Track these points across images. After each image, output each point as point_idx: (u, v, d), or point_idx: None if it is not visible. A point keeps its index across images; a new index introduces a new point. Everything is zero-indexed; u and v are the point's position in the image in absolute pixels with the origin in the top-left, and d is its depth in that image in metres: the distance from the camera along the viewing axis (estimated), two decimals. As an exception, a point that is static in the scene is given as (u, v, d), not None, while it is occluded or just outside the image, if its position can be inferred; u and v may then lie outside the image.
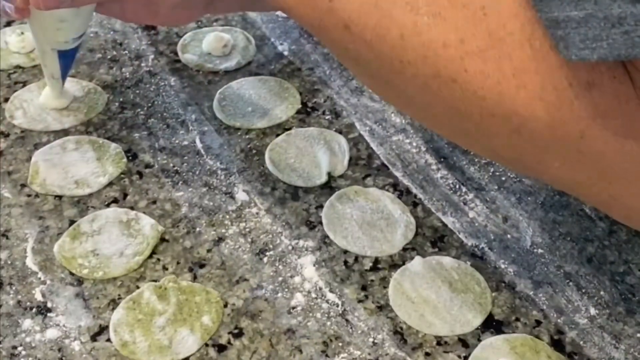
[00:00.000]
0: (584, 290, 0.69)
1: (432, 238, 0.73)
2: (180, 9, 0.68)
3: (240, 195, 0.76)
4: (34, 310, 0.66)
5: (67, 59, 0.78)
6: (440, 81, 0.47)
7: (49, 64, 0.78)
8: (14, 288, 0.68)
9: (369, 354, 0.64)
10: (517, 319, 0.67)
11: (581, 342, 0.65)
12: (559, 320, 0.66)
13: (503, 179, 0.78)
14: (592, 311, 0.67)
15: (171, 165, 0.79)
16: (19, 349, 0.63)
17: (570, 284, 0.69)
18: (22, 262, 0.70)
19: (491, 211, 0.75)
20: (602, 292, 0.69)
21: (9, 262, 0.70)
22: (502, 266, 0.70)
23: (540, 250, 0.72)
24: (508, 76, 0.44)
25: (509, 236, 0.73)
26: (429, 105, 0.50)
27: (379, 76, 0.52)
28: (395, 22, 0.47)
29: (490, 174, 0.79)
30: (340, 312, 0.67)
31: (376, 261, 0.71)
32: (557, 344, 0.65)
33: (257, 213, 0.74)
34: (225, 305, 0.67)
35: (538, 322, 0.66)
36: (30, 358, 0.63)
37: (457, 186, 0.77)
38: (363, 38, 0.49)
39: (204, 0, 0.68)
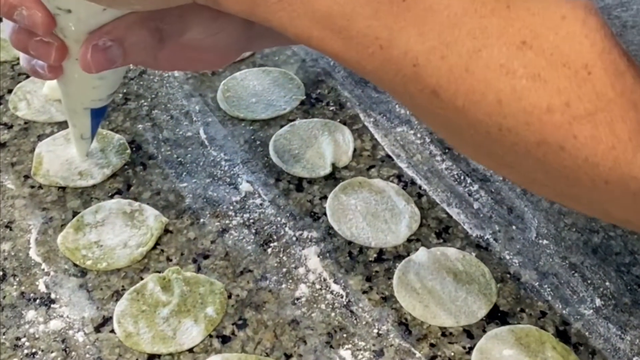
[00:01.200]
0: (589, 281, 0.68)
1: (437, 229, 0.73)
2: (219, 54, 0.64)
3: (244, 186, 0.76)
4: (38, 301, 0.66)
5: (98, 117, 0.69)
6: (545, 149, 0.43)
7: (79, 124, 0.69)
8: (17, 279, 0.68)
9: (374, 345, 0.63)
10: (522, 310, 0.66)
11: (587, 333, 0.65)
12: (564, 311, 0.66)
13: (508, 170, 0.78)
14: (598, 302, 0.67)
15: (175, 156, 0.79)
16: (23, 340, 0.63)
17: (576, 274, 0.69)
18: (25, 253, 0.70)
19: (496, 202, 0.75)
20: (607, 283, 0.68)
21: (13, 254, 0.70)
22: (507, 257, 0.70)
23: (545, 241, 0.72)
24: (624, 140, 0.41)
25: (514, 227, 0.73)
26: (531, 171, 0.46)
27: (472, 143, 0.48)
28: (490, 87, 0.43)
29: (495, 165, 0.78)
30: (345, 303, 0.66)
31: (381, 252, 0.70)
32: (563, 335, 0.64)
33: (261, 204, 0.74)
34: (229, 296, 0.67)
35: (543, 313, 0.66)
36: (34, 349, 0.63)
37: (462, 177, 0.77)
38: (454, 104, 0.45)
39: (242, 44, 0.63)
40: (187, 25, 0.57)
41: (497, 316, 0.66)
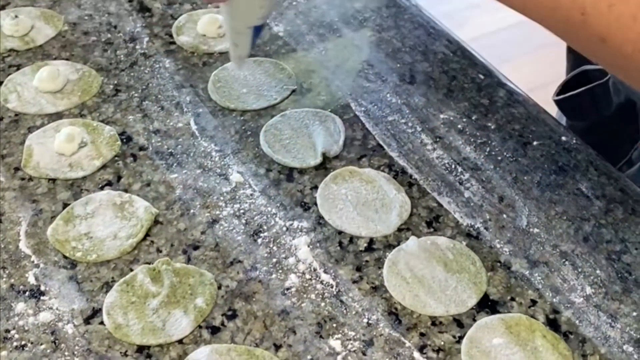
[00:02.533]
0: (579, 270, 0.68)
1: (428, 218, 0.72)
2: None
3: (235, 177, 0.75)
4: (27, 293, 0.66)
5: (257, 34, 0.75)
6: None
7: (242, 44, 0.74)
8: (7, 272, 0.68)
9: (364, 334, 0.63)
10: (513, 299, 0.66)
11: (577, 322, 0.65)
12: (554, 300, 0.66)
13: (499, 158, 0.78)
14: (588, 290, 0.67)
15: (165, 147, 0.78)
16: (12, 332, 0.63)
17: (566, 263, 0.69)
18: (15, 245, 0.70)
19: (487, 191, 0.75)
20: (598, 271, 0.68)
21: (2, 246, 0.69)
22: (498, 246, 0.70)
23: (536, 230, 0.71)
24: None
25: (504, 216, 0.72)
26: None
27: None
28: None
29: (486, 153, 0.78)
30: (335, 293, 0.66)
31: (371, 242, 0.70)
32: (553, 324, 0.64)
33: (251, 194, 0.74)
34: (219, 287, 0.67)
35: (533, 302, 0.66)
36: (23, 341, 0.63)
37: (453, 166, 0.77)
38: (622, 52, 0.47)
39: None
40: None
41: (487, 305, 0.66)
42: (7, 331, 0.63)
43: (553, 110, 0.92)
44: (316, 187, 0.74)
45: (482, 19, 2.50)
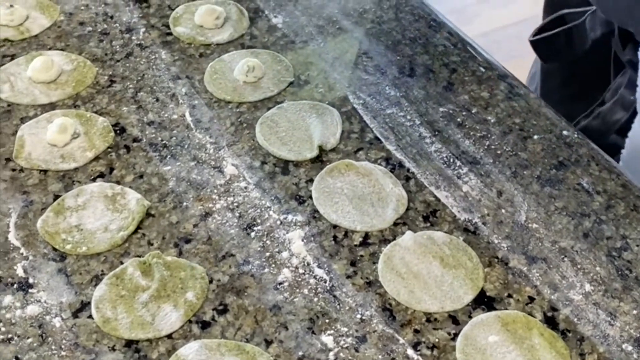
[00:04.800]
0: (579, 266, 0.67)
1: (424, 212, 0.71)
2: None
3: (229, 169, 0.74)
4: (15, 286, 0.65)
5: None
6: None
7: None
8: (-5, 264, 0.66)
9: (357, 330, 0.62)
10: (510, 296, 0.65)
11: (575, 319, 0.63)
12: (552, 297, 0.65)
13: (498, 152, 0.76)
14: (587, 287, 0.65)
15: (159, 139, 0.77)
16: (-1, 325, 0.62)
17: (565, 259, 0.67)
18: (4, 237, 0.68)
19: (485, 185, 0.73)
20: (598, 268, 0.67)
21: (-9, 238, 0.68)
22: (496, 241, 0.69)
23: (535, 225, 0.70)
24: None
25: (503, 211, 0.71)
26: None
27: None
28: None
29: (486, 147, 0.77)
30: (328, 288, 0.65)
31: (366, 236, 0.69)
32: (551, 321, 0.63)
33: (245, 187, 0.73)
34: (211, 281, 0.65)
35: (531, 299, 0.65)
36: (10, 334, 0.62)
37: (452, 160, 0.75)
38: None
39: None
40: None
41: (483, 302, 0.64)
42: (-6, 324, 0.62)
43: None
44: (312, 180, 0.73)
45: (492, 13, 2.49)
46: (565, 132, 0.78)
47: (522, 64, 1.16)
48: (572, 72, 1.00)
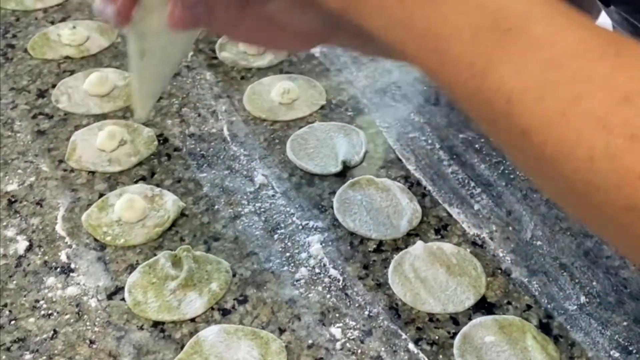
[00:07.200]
0: (577, 280, 0.71)
1: (436, 226, 0.76)
2: (299, 37, 0.60)
3: (259, 179, 0.81)
4: (58, 270, 0.72)
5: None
6: (634, 215, 0.39)
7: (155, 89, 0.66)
8: (42, 250, 0.73)
9: (363, 325, 0.67)
10: (509, 303, 0.70)
11: (568, 327, 0.68)
12: (548, 306, 0.69)
13: (512, 176, 0.81)
14: (583, 299, 0.70)
15: (198, 149, 0.84)
16: (41, 302, 0.69)
17: (565, 274, 0.72)
18: (52, 227, 0.76)
19: (496, 205, 0.78)
20: (594, 283, 0.71)
21: (40, 227, 0.76)
22: (501, 254, 0.74)
23: (539, 242, 0.75)
24: None
25: (510, 228, 0.76)
26: (617, 234, 0.42)
27: (557, 190, 0.45)
28: (583, 139, 0.39)
29: (500, 171, 0.82)
30: (341, 286, 0.71)
31: (380, 244, 0.75)
32: (545, 327, 0.68)
33: (273, 195, 0.79)
34: (234, 275, 0.71)
35: (529, 307, 0.69)
36: (50, 311, 0.68)
37: (466, 181, 0.81)
38: (543, 150, 0.41)
39: (325, 33, 0.58)
40: None
41: (484, 307, 0.69)
42: (37, 301, 0.69)
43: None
44: (334, 193, 0.79)
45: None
46: (576, 162, 0.83)
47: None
48: None
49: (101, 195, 0.79)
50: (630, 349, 0.66)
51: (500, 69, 0.42)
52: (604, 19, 0.86)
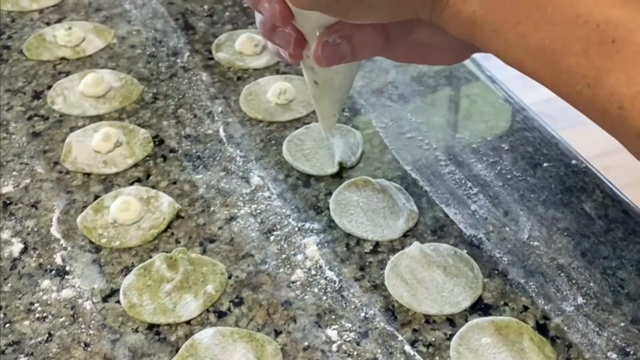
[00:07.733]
0: (574, 281, 0.71)
1: (433, 227, 0.76)
2: (447, 53, 0.65)
3: (255, 180, 0.80)
4: (53, 272, 0.72)
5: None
6: None
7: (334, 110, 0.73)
8: (37, 252, 0.73)
9: (359, 327, 0.67)
10: (506, 304, 0.69)
11: (565, 328, 0.67)
12: (545, 307, 0.69)
13: (509, 177, 0.81)
14: (580, 300, 0.69)
15: (194, 151, 0.84)
16: (36, 305, 0.69)
17: (562, 274, 0.72)
18: (47, 230, 0.75)
19: (493, 205, 0.78)
20: (591, 284, 0.71)
21: (35, 230, 0.75)
22: (497, 255, 0.73)
23: (536, 243, 0.74)
24: None
25: (507, 229, 0.76)
26: None
27: None
28: None
29: (497, 172, 0.81)
30: (337, 288, 0.70)
31: (376, 245, 0.74)
32: (542, 328, 0.67)
33: (269, 197, 0.79)
34: (230, 277, 0.71)
35: (525, 308, 0.69)
36: (45, 314, 0.68)
37: (463, 181, 0.81)
38: None
39: (468, 48, 0.60)
40: (413, 26, 0.60)
41: (480, 308, 0.69)
42: (32, 304, 0.69)
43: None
44: (330, 193, 0.79)
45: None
46: (574, 162, 0.83)
47: (583, 133, 1.15)
48: None
49: (96, 197, 0.79)
50: (628, 350, 0.66)
51: (610, 78, 0.46)
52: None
